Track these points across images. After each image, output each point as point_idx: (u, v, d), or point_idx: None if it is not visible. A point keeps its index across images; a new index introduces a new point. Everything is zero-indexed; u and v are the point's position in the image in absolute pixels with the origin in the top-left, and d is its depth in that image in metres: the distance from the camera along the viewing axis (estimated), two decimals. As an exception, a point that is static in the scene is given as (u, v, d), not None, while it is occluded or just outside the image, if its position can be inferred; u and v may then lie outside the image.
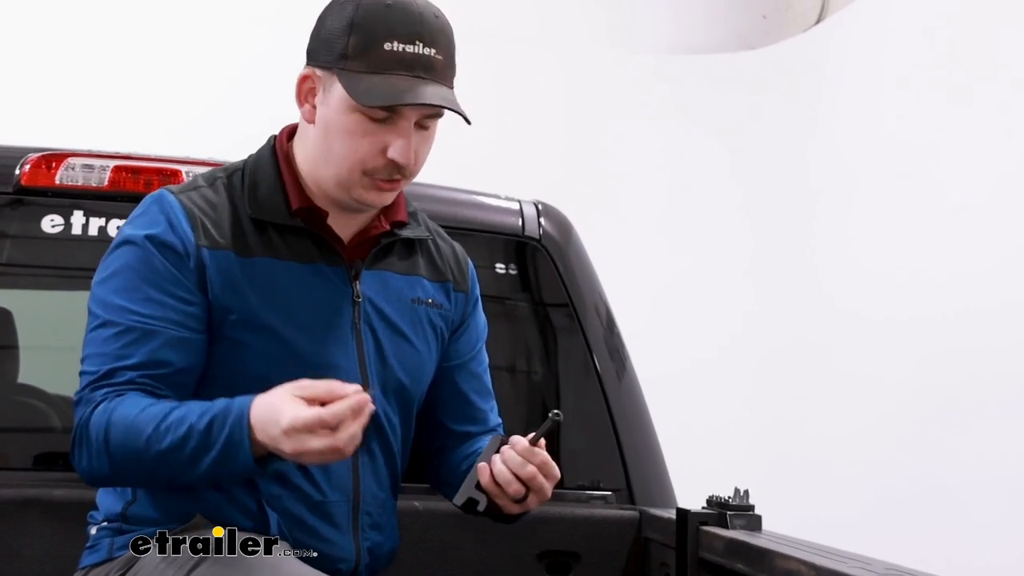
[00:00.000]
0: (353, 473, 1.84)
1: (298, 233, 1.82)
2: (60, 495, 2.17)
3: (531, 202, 2.65)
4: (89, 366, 1.73)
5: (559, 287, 2.57)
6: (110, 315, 1.73)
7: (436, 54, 1.74)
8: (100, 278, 1.78)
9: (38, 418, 2.51)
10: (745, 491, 2.17)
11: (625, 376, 2.58)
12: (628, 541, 2.40)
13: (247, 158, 1.90)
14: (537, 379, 2.62)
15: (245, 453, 1.59)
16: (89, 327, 1.76)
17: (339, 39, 1.74)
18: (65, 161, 2.36)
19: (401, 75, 1.71)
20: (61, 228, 2.34)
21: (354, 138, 1.75)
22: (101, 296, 1.76)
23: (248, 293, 1.77)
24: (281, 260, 1.80)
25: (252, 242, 1.79)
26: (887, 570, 1.66)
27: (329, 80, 1.76)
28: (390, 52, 1.71)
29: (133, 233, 1.78)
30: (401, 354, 1.89)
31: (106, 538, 1.82)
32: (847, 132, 6.57)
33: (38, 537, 2.14)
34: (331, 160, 1.78)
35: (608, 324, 2.62)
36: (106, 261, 1.80)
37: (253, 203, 1.81)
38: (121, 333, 1.72)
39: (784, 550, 1.85)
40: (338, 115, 1.75)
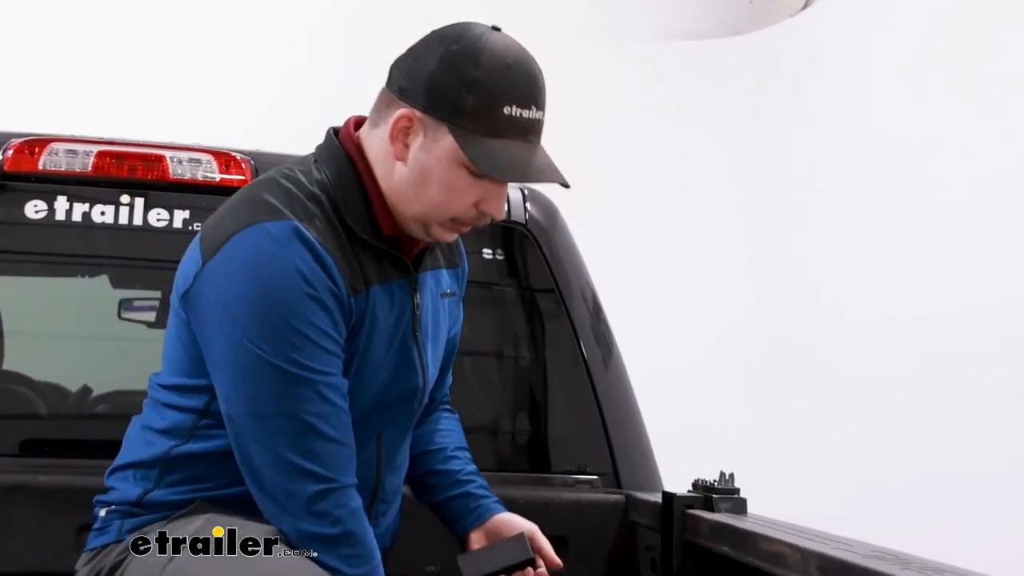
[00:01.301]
0: (376, 468, 1.89)
1: (381, 254, 1.81)
2: (45, 481, 2.16)
3: (517, 187, 2.65)
4: (299, 434, 1.69)
5: (545, 272, 2.57)
6: (302, 371, 1.69)
7: (543, 115, 1.74)
8: (272, 329, 1.68)
9: (23, 404, 2.50)
10: (730, 475, 2.17)
11: (611, 361, 2.58)
12: (614, 525, 2.40)
13: (319, 163, 1.81)
14: (524, 364, 2.62)
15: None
16: (273, 382, 1.69)
17: (455, 94, 1.69)
18: (48, 146, 2.35)
19: (517, 141, 1.71)
20: (45, 214, 2.33)
21: (455, 191, 1.73)
22: (284, 351, 1.68)
23: (364, 325, 1.78)
24: (379, 284, 1.80)
25: (367, 271, 1.78)
26: (870, 552, 1.67)
27: (437, 129, 1.71)
28: (508, 117, 1.69)
29: (301, 286, 1.68)
30: (436, 352, 1.95)
31: (116, 519, 1.81)
32: (835, 117, 6.58)
33: (23, 523, 2.13)
34: (421, 202, 1.75)
35: (594, 309, 2.62)
36: (267, 308, 1.69)
37: (352, 220, 1.78)
38: (320, 394, 1.70)
39: (769, 533, 1.86)
40: (442, 167, 1.72)
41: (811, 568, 1.69)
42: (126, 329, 2.78)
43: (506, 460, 2.61)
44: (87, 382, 2.67)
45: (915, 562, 1.59)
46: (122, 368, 2.85)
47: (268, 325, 1.68)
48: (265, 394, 1.69)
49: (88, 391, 2.67)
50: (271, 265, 1.68)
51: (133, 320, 2.77)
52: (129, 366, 2.84)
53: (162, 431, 1.82)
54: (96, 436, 2.56)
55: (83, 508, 2.00)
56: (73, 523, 2.11)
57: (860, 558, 1.61)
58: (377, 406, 1.85)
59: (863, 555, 1.64)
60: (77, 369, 2.74)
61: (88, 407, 2.68)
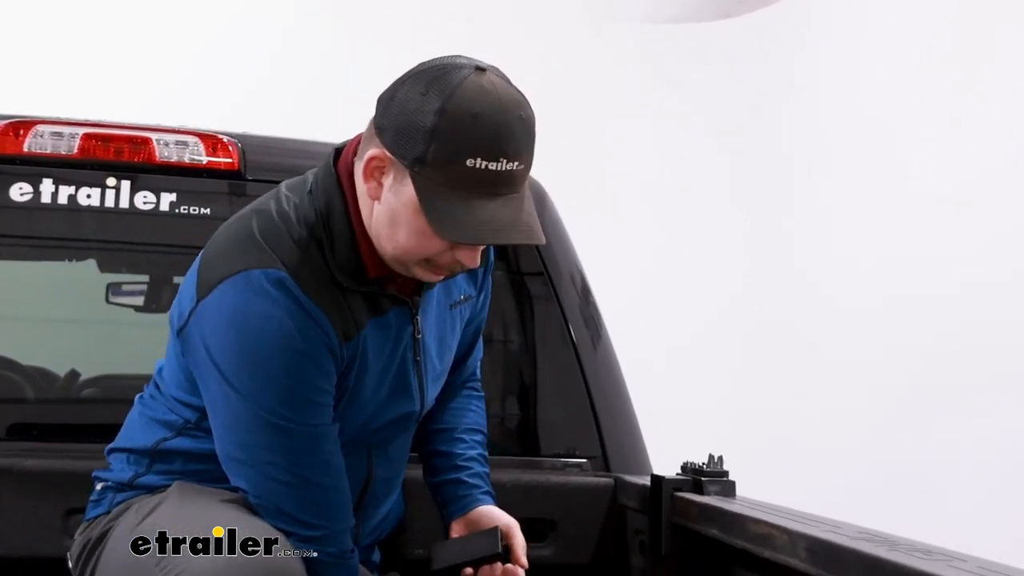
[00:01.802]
0: (367, 464, 1.90)
1: (369, 296, 1.79)
2: (32, 465, 2.16)
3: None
4: (297, 486, 1.72)
5: (534, 255, 2.56)
6: (299, 427, 1.70)
7: (518, 166, 1.62)
8: (264, 384, 1.68)
9: (10, 389, 2.49)
10: (719, 458, 2.18)
11: (600, 344, 2.58)
12: (603, 508, 2.40)
13: (315, 192, 1.77)
14: (513, 348, 2.62)
15: None
16: (267, 429, 1.69)
17: (418, 140, 1.60)
18: (33, 128, 2.33)
19: (481, 198, 1.60)
20: (30, 197, 2.32)
21: (423, 238, 1.66)
22: (274, 407, 1.68)
23: (354, 367, 1.77)
24: (371, 320, 1.78)
25: (356, 315, 1.76)
26: (858, 534, 1.67)
27: (401, 174, 1.64)
28: (472, 170, 1.58)
29: (292, 343, 1.67)
30: (444, 360, 1.95)
31: (109, 492, 1.89)
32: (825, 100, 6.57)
33: (11, 507, 2.13)
34: (393, 244, 1.70)
35: (583, 292, 2.61)
36: (259, 363, 1.68)
37: (338, 270, 1.74)
38: (314, 444, 1.72)
39: (757, 515, 1.86)
40: (409, 213, 1.65)
41: (799, 550, 1.69)
42: (114, 313, 2.78)
43: (495, 443, 2.59)
44: (75, 366, 2.66)
45: (903, 543, 1.59)
46: (110, 352, 2.84)
47: (258, 380, 1.67)
48: (256, 444, 1.71)
49: (76, 375, 2.66)
50: (260, 320, 1.66)
51: (121, 304, 2.76)
52: (117, 350, 2.83)
53: (157, 422, 1.87)
54: (84, 420, 2.57)
55: (71, 492, 2.01)
56: (61, 507, 2.11)
57: (848, 540, 1.62)
58: (369, 427, 1.85)
59: (851, 537, 1.64)
60: (65, 353, 2.73)
61: (76, 391, 2.67)
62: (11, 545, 2.13)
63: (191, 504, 1.74)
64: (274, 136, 2.56)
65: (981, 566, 1.46)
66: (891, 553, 1.51)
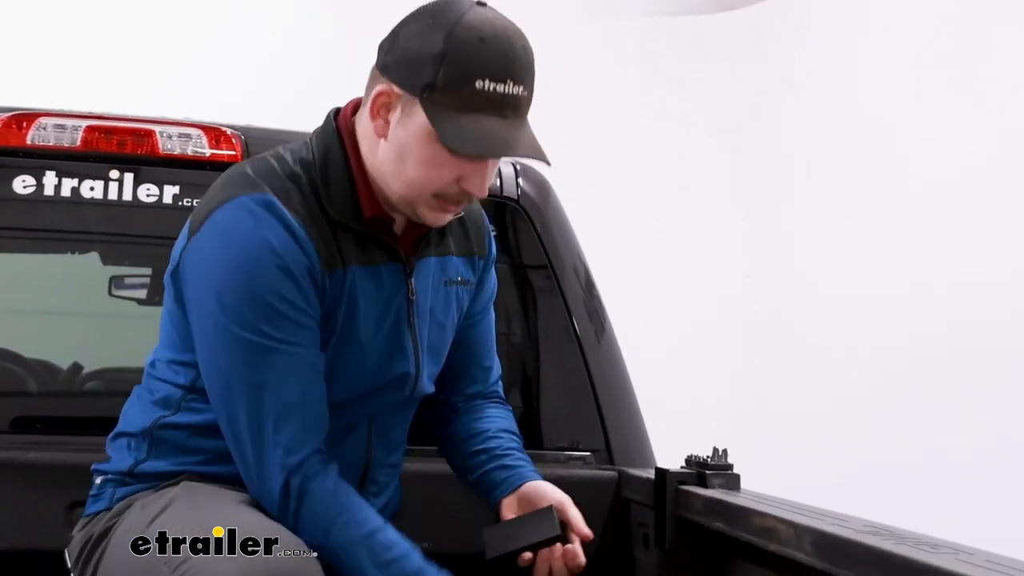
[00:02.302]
0: (367, 444, 1.89)
1: (365, 236, 1.81)
2: (34, 458, 2.16)
3: (509, 163, 2.63)
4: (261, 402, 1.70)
5: (538, 248, 2.56)
6: (271, 343, 1.69)
7: (523, 91, 1.69)
8: (242, 300, 1.70)
9: (13, 382, 2.49)
10: (723, 451, 2.17)
11: (604, 337, 2.57)
12: (607, 501, 2.40)
13: (312, 141, 1.82)
14: (516, 341, 2.61)
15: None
16: (236, 348, 1.70)
17: (426, 67, 1.66)
18: (37, 121, 2.33)
19: (490, 116, 1.66)
20: (33, 189, 2.32)
21: (432, 167, 1.70)
22: (252, 323, 1.69)
23: (341, 305, 1.78)
24: (360, 266, 1.79)
25: (344, 251, 1.78)
26: (864, 527, 1.67)
27: (410, 104, 1.69)
28: (481, 91, 1.65)
29: (272, 259, 1.69)
30: (436, 337, 1.93)
31: (109, 487, 1.86)
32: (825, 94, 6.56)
33: (13, 500, 2.13)
34: (402, 180, 1.73)
35: (587, 285, 2.61)
36: (239, 279, 1.70)
37: (330, 205, 1.77)
38: (289, 361, 1.71)
39: (763, 508, 1.85)
40: (418, 142, 1.70)
41: (805, 544, 1.69)
42: (117, 306, 2.77)
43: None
44: (78, 359, 2.66)
45: (910, 537, 1.59)
46: (113, 345, 2.84)
47: (238, 297, 1.70)
48: (234, 364, 1.71)
49: (79, 368, 2.66)
50: (246, 239, 1.70)
51: (124, 297, 2.76)
52: (120, 343, 2.83)
53: (153, 403, 1.86)
54: (87, 413, 2.56)
55: (73, 485, 2.00)
56: (63, 500, 2.11)
57: (854, 533, 1.61)
58: (366, 391, 1.85)
59: (857, 530, 1.63)
60: (68, 346, 2.73)
61: (79, 384, 2.67)
62: (14, 538, 2.12)
63: (201, 506, 1.71)
64: (277, 128, 2.55)
65: (988, 559, 1.46)
66: (898, 547, 1.50)
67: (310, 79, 5.93)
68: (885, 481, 5.60)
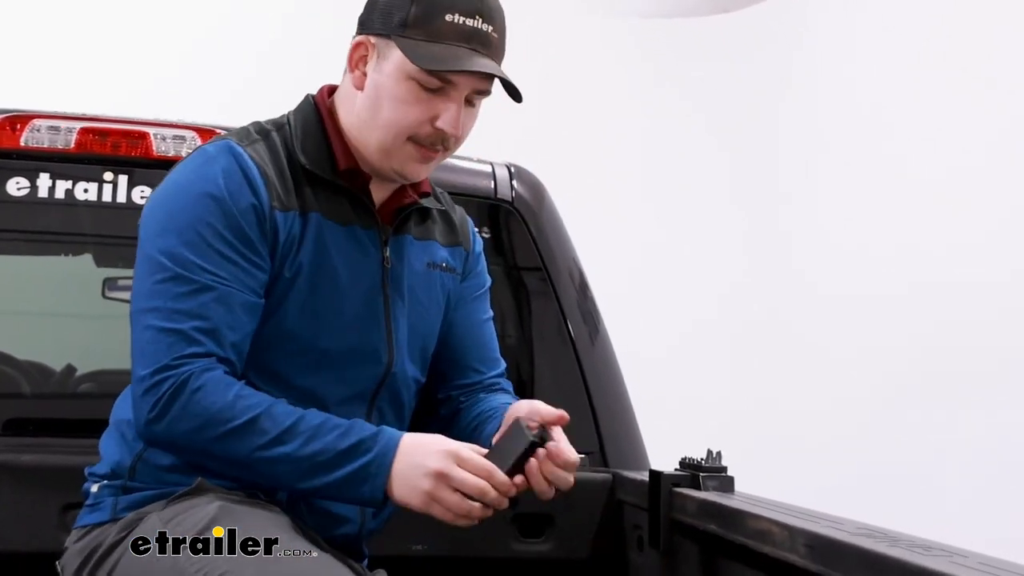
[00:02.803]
0: None
1: (340, 193, 1.83)
2: (28, 460, 2.15)
3: (504, 165, 2.64)
4: (163, 320, 1.66)
5: (532, 250, 2.56)
6: (185, 271, 1.68)
7: (492, 31, 1.77)
8: (166, 227, 1.71)
9: (7, 384, 2.49)
10: (718, 453, 2.17)
11: (598, 339, 2.57)
12: (601, 503, 2.40)
13: (288, 114, 1.89)
14: (511, 343, 2.61)
15: (376, 487, 1.64)
16: (153, 277, 1.69)
17: (400, 8, 1.75)
18: (30, 123, 2.33)
19: (460, 46, 1.73)
20: (27, 191, 2.31)
21: (406, 105, 1.76)
22: (170, 248, 1.69)
23: (301, 252, 1.78)
24: (327, 219, 1.81)
25: (307, 197, 1.80)
26: (857, 529, 1.67)
27: (386, 47, 1.77)
28: (451, 23, 1.73)
29: (209, 188, 1.72)
30: (417, 317, 1.92)
31: (109, 496, 1.78)
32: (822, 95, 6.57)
33: (7, 502, 2.12)
34: (378, 125, 1.78)
35: (581, 287, 2.61)
36: (175, 210, 1.72)
37: (304, 156, 1.82)
38: (199, 291, 1.68)
39: (756, 511, 1.85)
40: (392, 81, 1.76)
41: (799, 546, 1.69)
42: (111, 308, 2.77)
43: (493, 439, 2.60)
44: (71, 361, 2.66)
45: (903, 539, 1.59)
46: (106, 347, 2.83)
47: (169, 225, 1.71)
48: (152, 292, 1.68)
49: (72, 370, 2.65)
50: (194, 174, 1.75)
51: (117, 299, 2.76)
52: (113, 345, 2.82)
53: None
54: (80, 415, 2.55)
55: (67, 487, 2.00)
56: (57, 502, 2.10)
57: (848, 536, 1.61)
58: (343, 359, 1.81)
59: (851, 533, 1.64)
60: (61, 348, 2.73)
61: (72, 386, 2.66)
62: (8, 540, 2.12)
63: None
64: (271, 130, 2.54)
65: (982, 562, 1.46)
66: (891, 549, 1.51)
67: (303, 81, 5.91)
68: (883, 481, 5.60)
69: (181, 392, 1.63)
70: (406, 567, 2.21)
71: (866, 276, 6.05)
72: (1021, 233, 5.39)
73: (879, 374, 5.88)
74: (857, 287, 6.10)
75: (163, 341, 1.66)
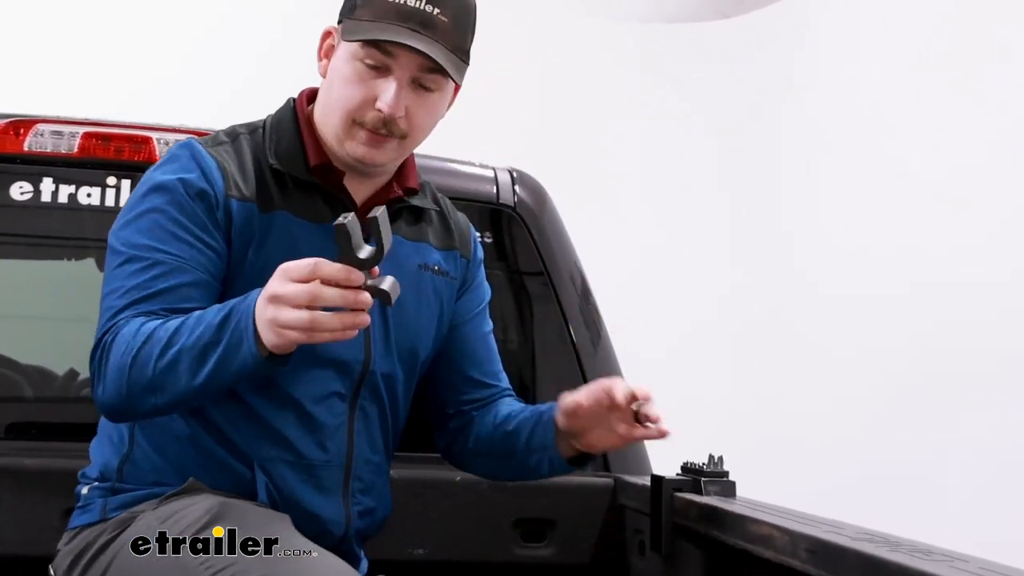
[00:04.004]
0: (348, 437, 1.85)
1: (313, 191, 1.83)
2: (30, 464, 2.16)
3: (505, 170, 2.64)
4: (113, 300, 1.69)
5: (534, 255, 2.56)
6: (136, 252, 1.71)
7: (439, 14, 1.76)
8: (125, 220, 1.76)
9: (9, 387, 2.49)
10: (719, 458, 2.17)
11: (600, 344, 2.58)
12: (603, 508, 2.40)
13: (267, 117, 1.92)
14: (512, 347, 2.62)
15: (249, 342, 1.54)
16: (111, 266, 1.73)
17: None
18: (34, 127, 2.33)
19: (395, 24, 1.74)
20: (30, 195, 2.32)
21: (349, 85, 1.78)
22: (126, 236, 1.74)
23: (265, 247, 1.77)
24: (297, 217, 1.81)
25: (274, 196, 1.80)
26: (858, 534, 1.67)
27: (341, 33, 1.81)
28: (392, 3, 1.74)
29: (164, 178, 1.76)
30: (403, 318, 1.89)
31: (99, 498, 1.79)
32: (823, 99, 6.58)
33: (9, 506, 2.13)
34: (329, 108, 1.81)
35: (583, 292, 2.61)
36: (132, 204, 1.78)
37: (275, 155, 1.83)
38: (148, 267, 1.70)
39: (758, 516, 1.86)
40: (342, 63, 1.79)
41: (800, 551, 1.69)
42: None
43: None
44: (74, 365, 2.66)
45: (904, 544, 1.59)
46: (109, 351, 2.83)
47: (127, 216, 1.75)
48: (111, 278, 1.71)
49: (75, 374, 2.65)
50: (155, 171, 1.79)
51: (119, 303, 2.75)
52: (116, 349, 2.82)
53: None
54: (82, 419, 2.53)
55: (69, 491, 1.99)
56: (59, 506, 2.10)
57: (849, 540, 1.62)
58: (318, 361, 1.79)
59: (852, 537, 1.64)
60: (64, 352, 2.73)
61: (75, 390, 2.66)
62: (9, 544, 2.12)
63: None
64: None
65: (982, 567, 1.46)
66: (892, 554, 1.51)
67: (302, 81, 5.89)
68: (885, 481, 5.60)
69: (104, 355, 1.65)
70: (407, 571, 2.22)
71: (867, 276, 6.05)
72: (1022, 233, 5.40)
73: (880, 374, 5.88)
74: (858, 287, 6.10)
75: (103, 316, 1.69)
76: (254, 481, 1.77)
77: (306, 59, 6.22)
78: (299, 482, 1.79)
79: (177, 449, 1.77)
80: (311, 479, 1.81)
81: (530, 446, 1.91)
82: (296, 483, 1.79)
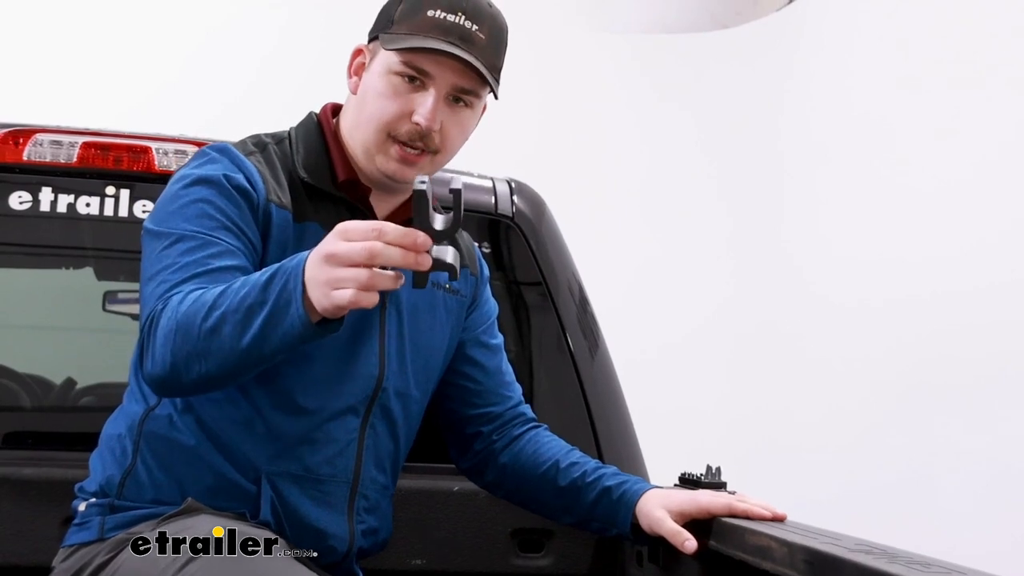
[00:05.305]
0: (357, 455, 1.86)
1: (340, 205, 1.84)
2: (29, 474, 2.16)
3: (504, 180, 2.64)
4: (166, 275, 1.66)
5: (532, 265, 2.57)
6: (188, 233, 1.70)
7: (478, 31, 1.78)
8: (168, 210, 1.74)
9: (7, 397, 2.49)
10: (717, 468, 2.17)
11: (598, 354, 2.58)
12: (601, 518, 2.39)
13: (289, 129, 1.92)
14: (510, 358, 2.61)
15: (297, 303, 1.49)
16: (157, 248, 1.70)
17: (390, 9, 1.82)
18: (33, 137, 2.33)
19: (436, 38, 1.76)
20: (29, 205, 2.32)
21: (385, 99, 1.79)
22: (173, 223, 1.71)
23: (290, 245, 1.77)
24: (325, 230, 1.78)
25: (306, 207, 1.81)
26: (857, 545, 1.67)
27: (376, 48, 1.82)
28: (431, 18, 1.76)
29: (209, 173, 1.75)
30: (419, 334, 1.91)
31: (97, 516, 1.78)
32: (821, 109, 6.59)
33: (7, 516, 2.12)
34: (362, 122, 1.82)
35: (581, 302, 2.62)
36: (173, 195, 1.75)
37: (304, 170, 1.84)
38: (202, 246, 1.69)
39: (755, 526, 1.85)
40: (377, 78, 1.80)
41: (798, 562, 1.69)
42: (111, 321, 2.77)
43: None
44: (71, 374, 2.66)
45: (901, 556, 1.59)
46: (107, 361, 2.83)
47: (170, 207, 1.74)
48: (158, 259, 1.70)
49: (72, 384, 2.66)
50: (193, 168, 1.78)
51: (118, 312, 2.76)
52: (114, 359, 2.82)
53: (137, 400, 1.82)
54: (80, 429, 2.55)
55: (67, 501, 2.00)
56: (57, 516, 2.10)
57: (847, 552, 1.61)
58: (336, 375, 1.80)
59: (850, 549, 1.64)
60: (62, 362, 2.73)
61: (72, 400, 2.67)
62: (8, 554, 2.12)
63: None
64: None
65: (980, 579, 1.46)
66: (890, 565, 1.51)
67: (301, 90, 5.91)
68: (882, 490, 5.60)
69: (152, 326, 1.62)
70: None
71: (865, 285, 6.05)
72: (1021, 242, 5.40)
73: (878, 383, 5.88)
74: (856, 296, 6.10)
75: (156, 292, 1.66)
76: (259, 496, 1.76)
77: (302, 70, 6.30)
78: (305, 497, 1.80)
79: (181, 463, 1.76)
80: (318, 494, 1.81)
81: (593, 515, 1.96)
82: (302, 498, 1.79)
